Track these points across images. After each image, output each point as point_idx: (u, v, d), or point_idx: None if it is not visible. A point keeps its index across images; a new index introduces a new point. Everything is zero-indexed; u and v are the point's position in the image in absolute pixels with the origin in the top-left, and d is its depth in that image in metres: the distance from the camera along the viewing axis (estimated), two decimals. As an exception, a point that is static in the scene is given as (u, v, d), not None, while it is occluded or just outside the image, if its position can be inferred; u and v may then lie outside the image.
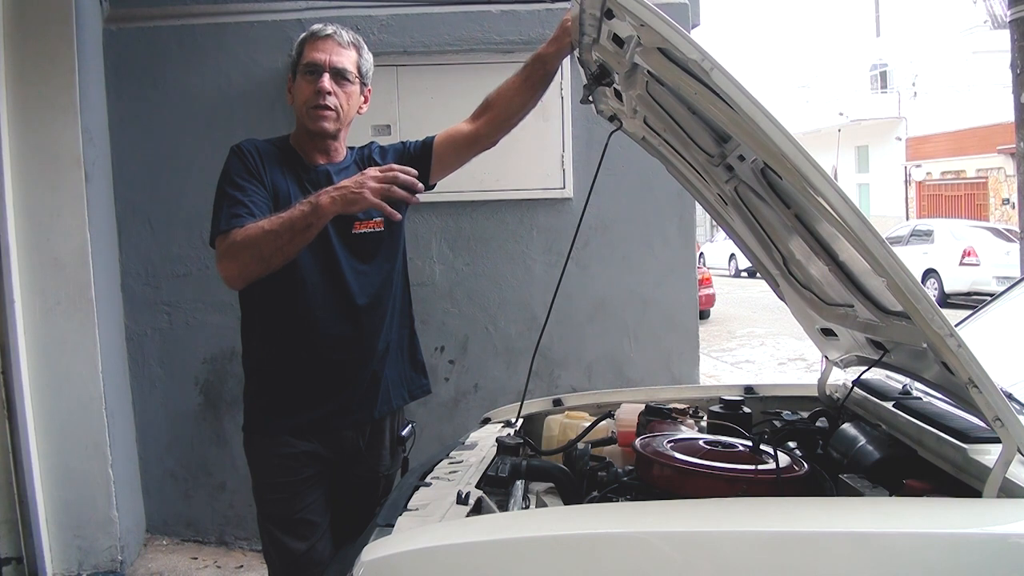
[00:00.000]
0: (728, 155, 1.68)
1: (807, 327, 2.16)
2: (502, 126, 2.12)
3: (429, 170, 2.13)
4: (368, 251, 2.04)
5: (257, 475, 2.06)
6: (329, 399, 2.02)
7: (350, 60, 2.02)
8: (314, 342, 1.99)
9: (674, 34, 1.32)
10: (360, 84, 2.07)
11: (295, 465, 2.00)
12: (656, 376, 3.61)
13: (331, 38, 2.01)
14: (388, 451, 2.16)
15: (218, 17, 3.57)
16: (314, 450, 2.01)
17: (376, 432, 2.12)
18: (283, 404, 2.02)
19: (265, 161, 1.98)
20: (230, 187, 1.92)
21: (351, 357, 2.03)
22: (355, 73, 2.04)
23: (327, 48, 1.99)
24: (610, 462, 1.73)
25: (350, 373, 2.03)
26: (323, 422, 2.02)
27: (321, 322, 1.99)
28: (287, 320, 1.99)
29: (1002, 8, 10.50)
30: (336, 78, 1.99)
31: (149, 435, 3.66)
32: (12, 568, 3.06)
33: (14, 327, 3.02)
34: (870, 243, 1.26)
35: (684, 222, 3.67)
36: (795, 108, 26.75)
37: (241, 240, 1.82)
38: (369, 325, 2.04)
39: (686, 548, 1.23)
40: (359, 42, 2.07)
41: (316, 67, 1.98)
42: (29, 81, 3.08)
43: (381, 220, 2.04)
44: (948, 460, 1.49)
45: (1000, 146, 18.53)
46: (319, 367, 2.01)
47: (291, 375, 2.01)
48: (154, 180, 3.58)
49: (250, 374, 2.09)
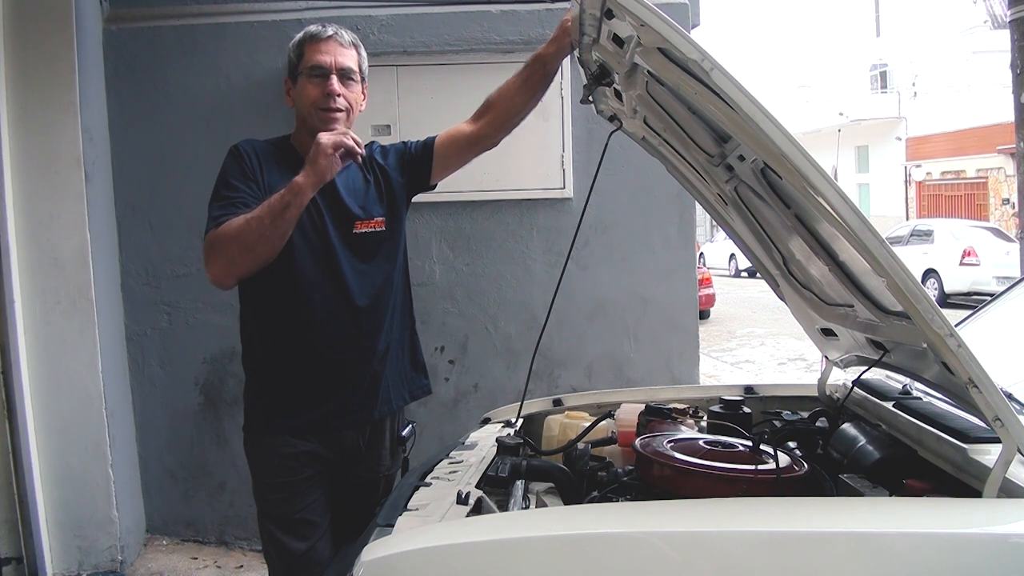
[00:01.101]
0: (728, 155, 1.68)
1: (807, 327, 2.16)
2: (503, 126, 2.12)
3: (431, 170, 2.14)
4: (368, 251, 2.04)
5: (257, 475, 2.06)
6: (329, 399, 2.02)
7: (353, 60, 2.03)
8: (313, 342, 1.99)
9: (674, 34, 1.32)
10: (362, 82, 2.08)
11: (295, 465, 2.00)
12: (656, 376, 3.61)
13: (333, 39, 2.00)
14: (388, 451, 2.16)
15: (218, 17, 3.56)
16: (314, 450, 2.01)
17: (376, 432, 2.12)
18: (283, 404, 2.02)
19: (263, 162, 1.98)
20: (224, 188, 1.92)
21: (351, 357, 2.02)
22: (359, 72, 2.05)
23: (331, 50, 1.99)
24: (610, 462, 1.73)
25: (350, 373, 2.03)
26: (323, 422, 2.02)
27: (321, 322, 1.98)
28: (287, 320, 1.99)
29: (1002, 8, 10.49)
30: (343, 79, 2.00)
31: (149, 435, 3.66)
32: (12, 568, 3.06)
33: (14, 327, 3.02)
34: (870, 243, 1.26)
35: (684, 222, 3.67)
36: (795, 108, 26.76)
37: (223, 235, 1.82)
38: (369, 325, 2.03)
39: (686, 548, 1.23)
40: (357, 41, 2.07)
41: (323, 69, 1.98)
42: (29, 81, 3.08)
43: (382, 220, 2.05)
44: (948, 460, 1.49)
45: (1000, 146, 18.53)
46: (319, 367, 2.00)
47: (291, 375, 2.01)
48: (154, 180, 3.58)
49: (250, 374, 2.09)
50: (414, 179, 2.15)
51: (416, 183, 2.16)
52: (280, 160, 2.01)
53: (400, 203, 2.13)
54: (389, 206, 2.09)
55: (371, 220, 2.04)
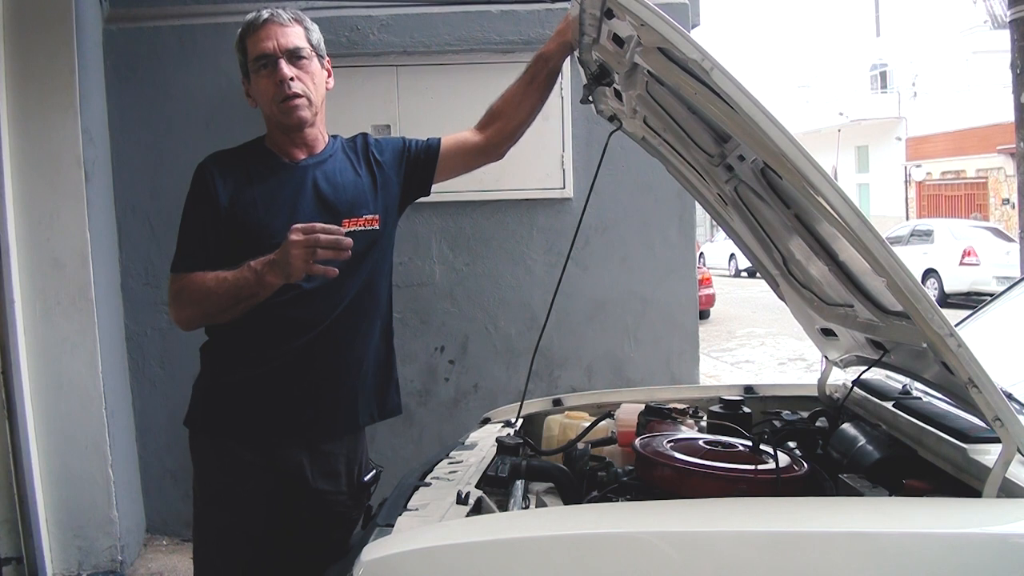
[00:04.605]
0: (728, 155, 1.68)
1: (807, 327, 2.16)
2: (512, 135, 2.04)
3: (432, 175, 2.04)
4: (354, 252, 1.78)
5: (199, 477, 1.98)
6: (290, 409, 1.88)
7: (299, 36, 1.86)
8: (284, 349, 1.85)
9: (674, 34, 1.32)
10: (317, 58, 1.90)
11: (239, 474, 1.90)
12: (656, 376, 3.61)
13: (271, 21, 1.84)
14: (345, 492, 1.97)
15: (218, 17, 3.56)
16: (260, 461, 1.89)
17: (326, 463, 1.94)
18: (235, 407, 1.91)
19: (226, 176, 1.88)
20: (188, 219, 1.91)
21: (322, 366, 1.88)
22: (308, 48, 1.87)
23: (271, 33, 1.83)
24: (610, 462, 1.73)
25: (320, 383, 1.89)
26: (275, 430, 1.89)
27: (294, 324, 1.84)
28: (259, 320, 1.83)
29: (1002, 8, 10.51)
30: (291, 60, 1.84)
31: (149, 435, 3.66)
32: (12, 568, 3.06)
33: (14, 327, 3.02)
34: (870, 243, 1.26)
35: (684, 222, 3.67)
36: (795, 108, 26.75)
37: (187, 296, 1.83)
38: (345, 332, 1.89)
39: (686, 548, 1.23)
40: (300, 15, 1.90)
41: (268, 57, 1.83)
42: (29, 81, 3.08)
43: (375, 218, 1.91)
44: (948, 460, 1.49)
45: (1000, 146, 18.52)
46: (287, 373, 1.87)
47: (251, 380, 1.88)
48: (154, 180, 3.58)
49: (205, 368, 2.00)
50: (413, 181, 2.03)
51: (414, 186, 2.03)
52: (250, 165, 1.90)
53: (393, 202, 1.99)
54: (383, 204, 1.95)
55: (361, 218, 1.89)
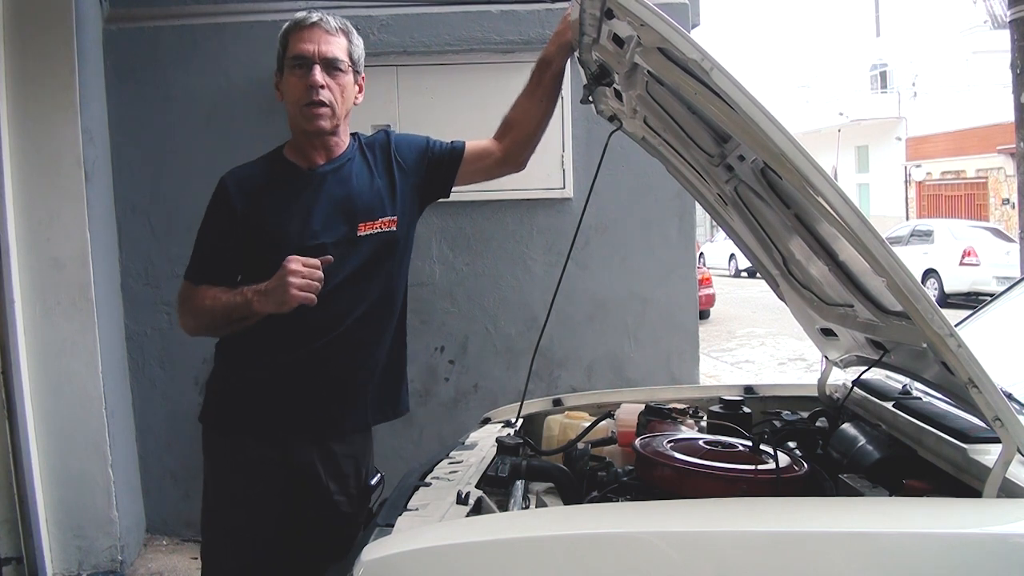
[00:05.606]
0: (728, 155, 1.68)
1: (807, 327, 2.16)
2: (527, 143, 2.03)
3: (454, 178, 2.02)
4: (375, 254, 1.88)
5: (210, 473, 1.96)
6: (306, 405, 1.89)
7: (340, 48, 1.85)
8: (301, 351, 1.85)
9: (674, 34, 1.32)
10: (353, 73, 1.89)
11: (253, 472, 1.88)
12: (656, 376, 3.61)
13: (318, 26, 1.83)
14: (351, 493, 1.97)
15: (218, 17, 3.57)
16: (274, 458, 1.88)
17: (336, 465, 1.94)
18: (251, 402, 1.90)
19: (243, 186, 1.88)
20: (203, 229, 1.94)
21: (337, 366, 1.88)
22: (347, 62, 1.86)
23: (314, 37, 1.82)
24: (610, 462, 1.73)
25: (335, 382, 1.90)
26: (291, 425, 1.89)
27: (313, 327, 1.84)
28: (277, 322, 1.80)
29: (1002, 8, 10.50)
30: (327, 69, 1.83)
31: (149, 435, 3.66)
32: (12, 568, 3.06)
33: (14, 327, 3.02)
34: (870, 243, 1.26)
35: (684, 222, 3.67)
36: (795, 108, 26.73)
37: (190, 307, 1.89)
38: (364, 334, 1.89)
39: (686, 548, 1.23)
40: (348, 27, 1.89)
41: (304, 59, 1.82)
42: (29, 81, 3.08)
43: (393, 220, 1.90)
44: (948, 460, 1.49)
45: (1000, 146, 18.51)
46: (303, 372, 1.87)
47: (269, 377, 1.88)
48: (154, 180, 3.58)
49: (221, 366, 1.98)
50: (433, 183, 2.01)
51: (434, 187, 2.02)
52: (270, 177, 1.90)
53: (412, 203, 1.98)
54: (400, 206, 1.93)
55: (376, 221, 1.88)
